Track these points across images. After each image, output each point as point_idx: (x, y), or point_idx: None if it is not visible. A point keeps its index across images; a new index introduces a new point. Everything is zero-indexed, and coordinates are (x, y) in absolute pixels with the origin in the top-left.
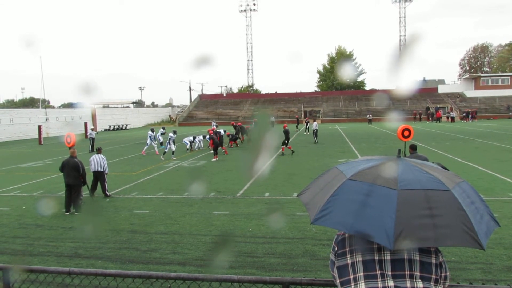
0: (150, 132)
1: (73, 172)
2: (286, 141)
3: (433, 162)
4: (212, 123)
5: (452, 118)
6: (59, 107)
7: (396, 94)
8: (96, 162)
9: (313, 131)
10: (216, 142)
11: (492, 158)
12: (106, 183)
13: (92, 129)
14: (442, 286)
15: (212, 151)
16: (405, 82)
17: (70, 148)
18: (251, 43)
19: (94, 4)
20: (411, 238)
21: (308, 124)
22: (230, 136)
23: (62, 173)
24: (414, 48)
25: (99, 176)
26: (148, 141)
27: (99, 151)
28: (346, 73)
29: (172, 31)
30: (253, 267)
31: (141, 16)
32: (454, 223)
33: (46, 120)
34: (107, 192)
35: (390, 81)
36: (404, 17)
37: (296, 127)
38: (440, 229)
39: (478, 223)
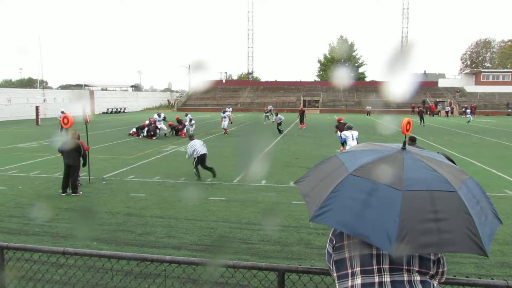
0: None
1: (73, 153)
2: None
3: (438, 153)
4: (227, 108)
5: (451, 112)
6: (58, 88)
7: (395, 87)
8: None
9: (277, 122)
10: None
11: (490, 154)
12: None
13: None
14: (437, 281)
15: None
16: (404, 77)
17: (67, 129)
18: (252, 29)
19: None
20: (414, 244)
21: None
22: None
23: (60, 154)
24: (415, 50)
25: (205, 157)
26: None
27: (191, 138)
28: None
29: (172, 16)
30: (247, 254)
31: (141, 0)
32: (458, 228)
33: (44, 101)
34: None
35: (390, 75)
36: (408, 8)
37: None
38: (444, 235)
39: (483, 225)
